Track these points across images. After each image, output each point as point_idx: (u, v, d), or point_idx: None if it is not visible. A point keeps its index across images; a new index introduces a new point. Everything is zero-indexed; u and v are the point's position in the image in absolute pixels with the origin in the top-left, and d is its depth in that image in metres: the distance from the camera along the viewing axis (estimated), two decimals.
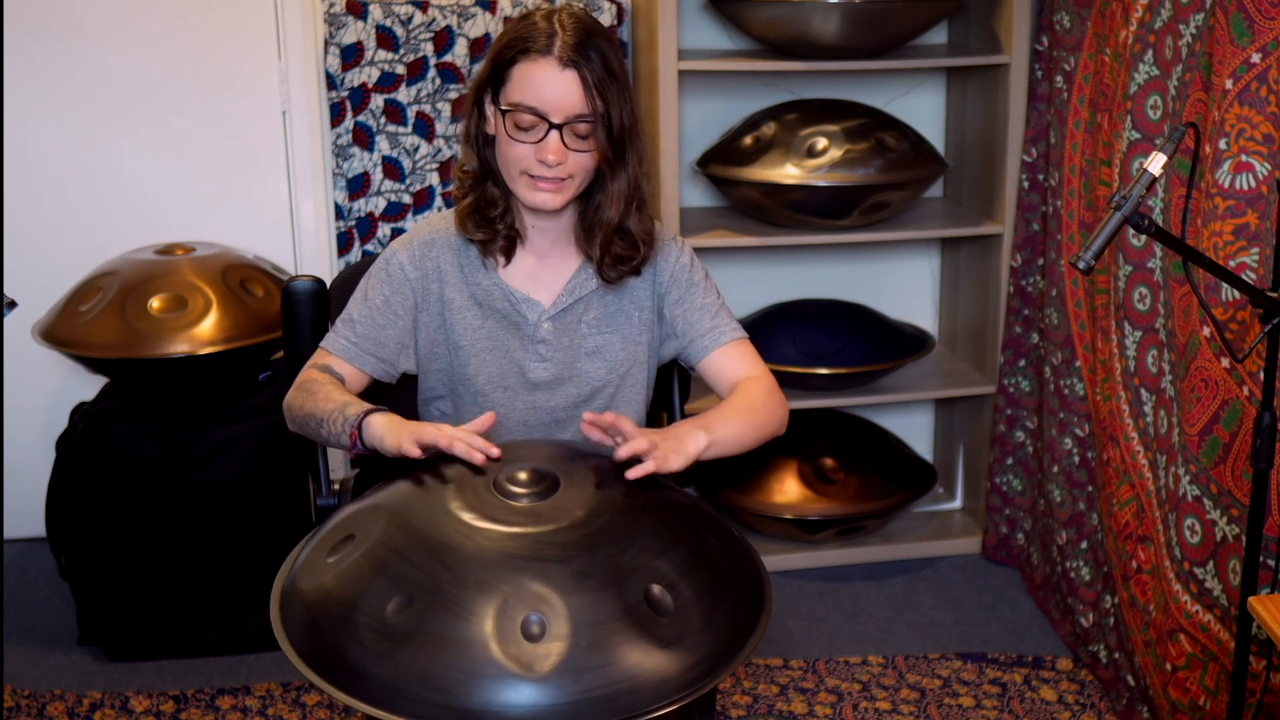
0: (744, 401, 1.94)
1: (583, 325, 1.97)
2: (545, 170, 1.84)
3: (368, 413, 1.78)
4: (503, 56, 1.85)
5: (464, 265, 1.96)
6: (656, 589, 1.50)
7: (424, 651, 1.43)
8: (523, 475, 1.64)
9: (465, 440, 1.69)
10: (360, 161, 3.15)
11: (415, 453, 1.70)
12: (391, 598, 1.48)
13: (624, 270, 1.95)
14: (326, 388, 1.88)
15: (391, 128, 3.14)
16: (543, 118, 1.81)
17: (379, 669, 1.43)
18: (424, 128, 3.16)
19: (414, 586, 1.48)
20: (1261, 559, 2.13)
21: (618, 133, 1.85)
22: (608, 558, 1.51)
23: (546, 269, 1.97)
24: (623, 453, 1.71)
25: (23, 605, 3.07)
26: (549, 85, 1.81)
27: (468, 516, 1.56)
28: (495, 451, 1.70)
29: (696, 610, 1.51)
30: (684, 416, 2.13)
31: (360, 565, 1.53)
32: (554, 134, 1.82)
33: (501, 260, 1.95)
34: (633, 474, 1.70)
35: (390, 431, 1.74)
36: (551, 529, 1.54)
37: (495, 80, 1.87)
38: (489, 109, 1.89)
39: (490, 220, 1.92)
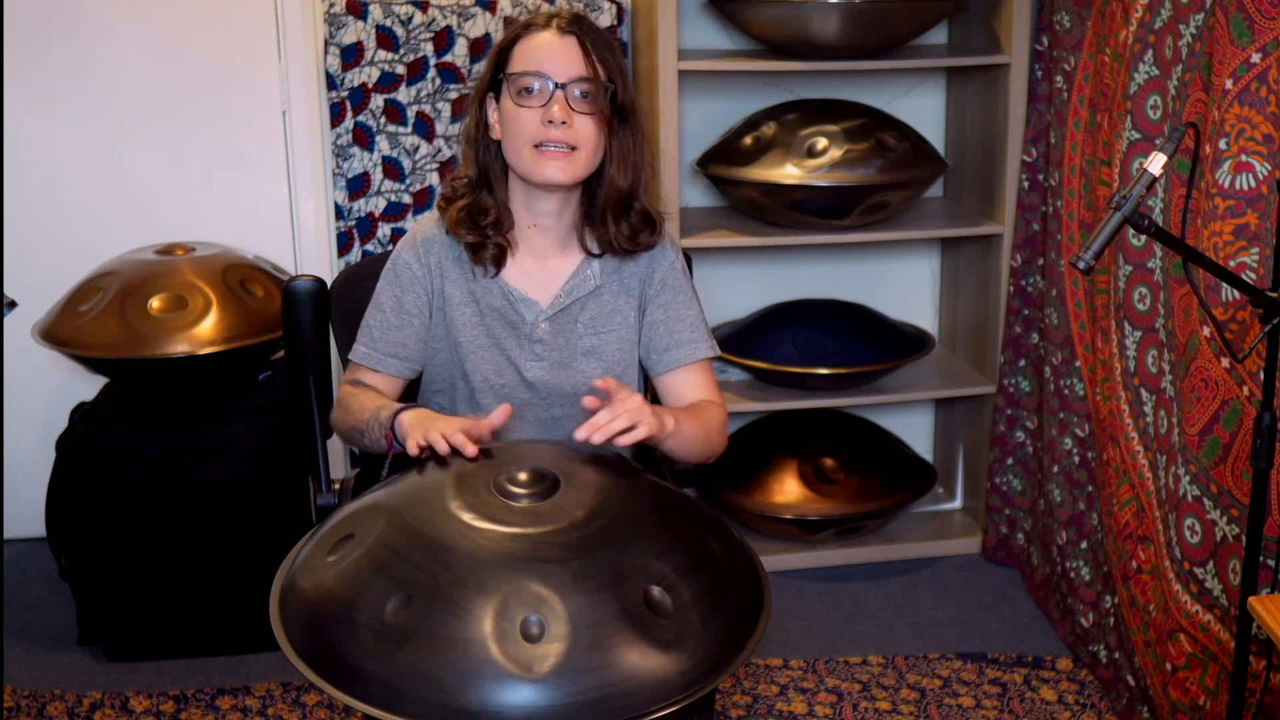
0: (704, 418, 1.97)
1: (579, 325, 1.98)
2: (553, 132, 1.86)
3: (397, 414, 1.83)
4: (503, 45, 1.91)
5: (463, 263, 1.98)
6: (656, 590, 1.50)
7: (423, 651, 1.43)
8: (523, 476, 1.63)
9: (449, 438, 1.71)
10: (360, 161, 3.16)
11: (413, 452, 1.73)
12: (391, 597, 1.48)
13: (639, 245, 1.97)
14: (360, 398, 1.94)
15: (391, 128, 3.14)
16: (546, 78, 1.86)
17: (378, 669, 1.43)
18: (424, 128, 3.16)
19: (413, 586, 1.48)
20: (1261, 559, 2.13)
21: (622, 99, 1.90)
22: (607, 559, 1.51)
23: (544, 271, 1.99)
24: (615, 426, 1.73)
25: (23, 605, 3.07)
26: (549, 51, 1.87)
27: (467, 517, 1.56)
28: (470, 451, 1.70)
29: (695, 612, 1.51)
30: None
31: (360, 565, 1.53)
32: (558, 93, 1.86)
33: (491, 269, 1.96)
34: (625, 440, 1.74)
35: (410, 428, 1.78)
36: (551, 530, 1.54)
37: (497, 76, 1.91)
38: (491, 111, 1.91)
39: (481, 227, 1.94)
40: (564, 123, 1.85)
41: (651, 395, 2.16)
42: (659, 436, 1.80)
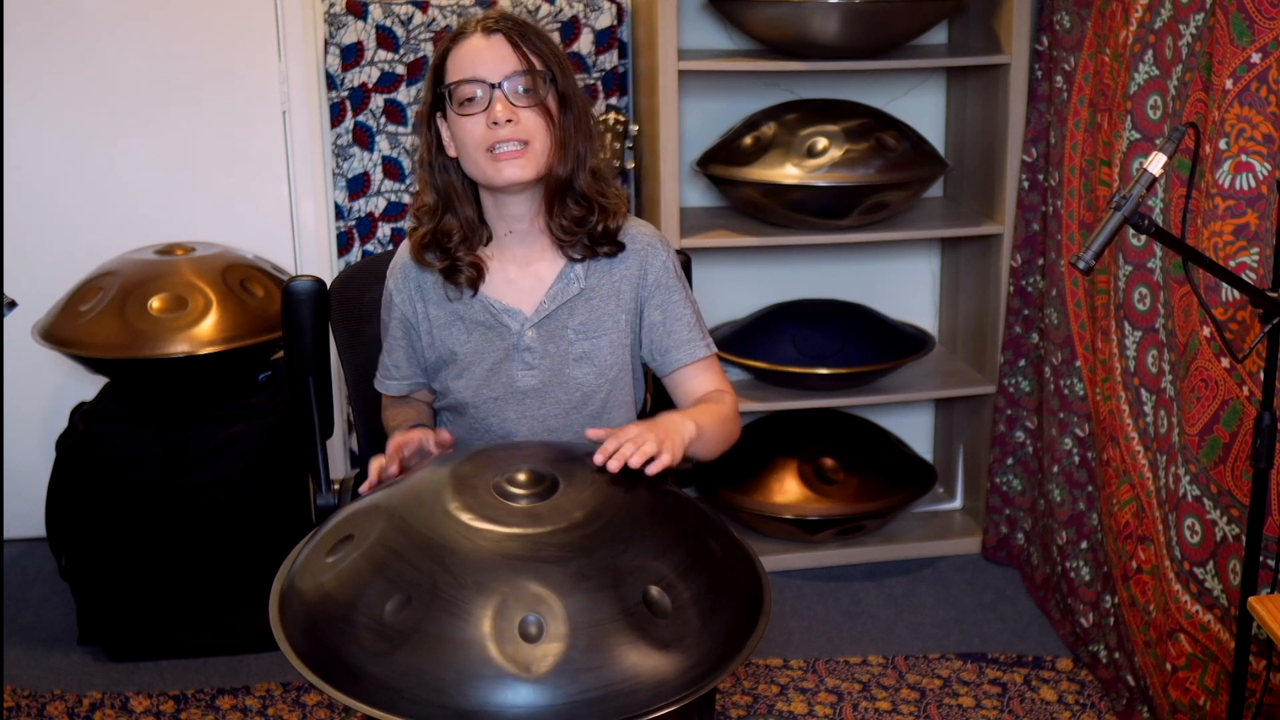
0: (721, 410, 1.97)
1: (569, 331, 1.96)
2: (501, 132, 1.84)
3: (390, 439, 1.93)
4: (437, 60, 1.91)
5: (441, 284, 1.98)
6: (655, 590, 1.50)
7: (422, 652, 1.43)
8: (522, 476, 1.63)
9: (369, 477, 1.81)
10: (360, 161, 3.16)
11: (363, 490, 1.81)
12: (390, 598, 1.48)
13: (579, 234, 1.93)
14: (389, 414, 2.10)
15: (391, 128, 3.14)
16: (481, 81, 1.85)
17: (377, 669, 1.43)
18: None
19: (412, 587, 1.48)
20: (1261, 559, 2.13)
21: (563, 87, 1.88)
22: (606, 559, 1.51)
23: (530, 276, 1.97)
24: (634, 461, 1.71)
25: (23, 605, 3.07)
26: (479, 54, 1.86)
27: (466, 517, 1.56)
28: (391, 470, 1.81)
29: (694, 612, 1.51)
30: None
31: (359, 565, 1.53)
32: (496, 93, 1.85)
33: (468, 291, 1.96)
34: (653, 470, 1.71)
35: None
36: (550, 530, 1.54)
37: (438, 92, 1.90)
38: (443, 128, 1.92)
39: (447, 250, 1.94)
40: (509, 121, 1.84)
41: (660, 394, 2.16)
42: (679, 457, 1.78)
